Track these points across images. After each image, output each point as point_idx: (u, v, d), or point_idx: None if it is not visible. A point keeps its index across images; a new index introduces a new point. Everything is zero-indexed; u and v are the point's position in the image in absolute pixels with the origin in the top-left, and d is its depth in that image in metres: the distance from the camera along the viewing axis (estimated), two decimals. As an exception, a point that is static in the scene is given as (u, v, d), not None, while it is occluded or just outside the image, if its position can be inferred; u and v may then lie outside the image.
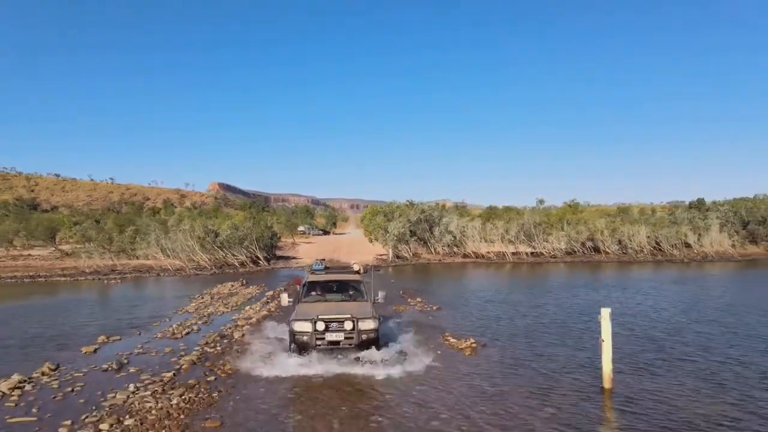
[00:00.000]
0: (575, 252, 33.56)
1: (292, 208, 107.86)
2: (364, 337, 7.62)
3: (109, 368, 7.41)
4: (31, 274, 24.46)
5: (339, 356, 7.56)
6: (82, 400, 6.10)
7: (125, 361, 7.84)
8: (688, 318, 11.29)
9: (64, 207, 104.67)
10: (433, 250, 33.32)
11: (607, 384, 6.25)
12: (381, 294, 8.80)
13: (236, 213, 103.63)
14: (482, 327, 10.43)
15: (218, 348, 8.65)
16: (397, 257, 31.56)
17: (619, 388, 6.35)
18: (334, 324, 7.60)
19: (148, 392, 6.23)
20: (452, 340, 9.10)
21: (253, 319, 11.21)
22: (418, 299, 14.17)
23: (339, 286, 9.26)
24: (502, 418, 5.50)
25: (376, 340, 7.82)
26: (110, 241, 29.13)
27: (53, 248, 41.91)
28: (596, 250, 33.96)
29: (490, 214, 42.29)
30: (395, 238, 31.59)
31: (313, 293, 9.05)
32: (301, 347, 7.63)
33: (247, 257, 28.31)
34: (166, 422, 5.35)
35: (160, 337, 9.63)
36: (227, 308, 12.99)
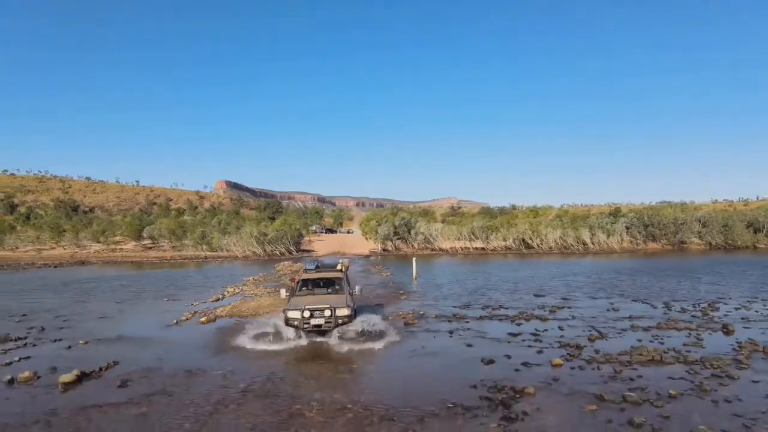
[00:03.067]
0: (511, 247, 51.61)
1: (302, 209, 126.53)
2: (339, 321, 10.81)
3: (278, 278, 26.20)
4: (163, 259, 43.59)
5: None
6: (277, 281, 24.81)
7: (281, 277, 26.63)
8: (480, 274, 29.66)
9: (98, 208, 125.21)
10: (410, 245, 51.76)
11: (414, 279, 24.77)
12: (357, 288, 12.51)
13: (251, 213, 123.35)
14: (399, 272, 28.84)
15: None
16: (384, 250, 50.02)
17: (419, 279, 24.76)
18: (317, 312, 10.75)
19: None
20: (383, 274, 27.66)
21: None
22: (380, 267, 32.70)
23: (325, 282, 12.44)
24: (387, 278, 23.93)
25: (350, 323, 11.01)
26: (199, 238, 48.11)
27: (135, 243, 61.38)
28: (526, 245, 51.94)
29: (457, 219, 60.63)
30: (383, 237, 50.21)
31: (305, 288, 12.19)
32: (293, 329, 10.76)
33: (284, 249, 47.14)
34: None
35: (279, 274, 28.33)
36: (300, 264, 31.71)
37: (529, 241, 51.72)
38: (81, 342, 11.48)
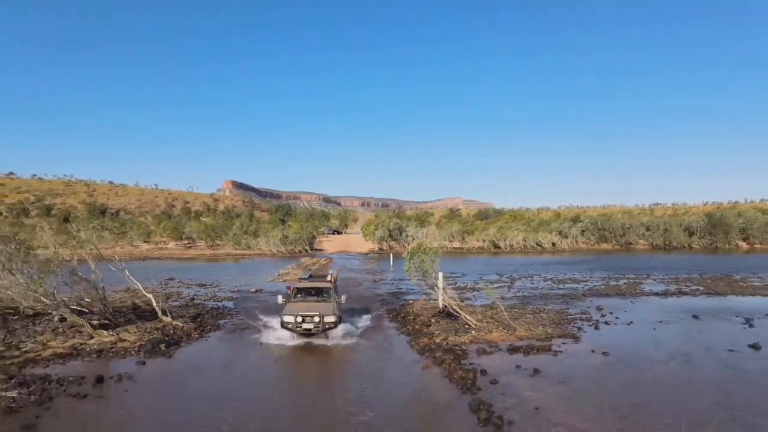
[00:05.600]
0: (483, 248, 68.35)
1: (309, 210, 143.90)
2: (327, 326, 14.03)
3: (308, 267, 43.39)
4: (204, 255, 61.04)
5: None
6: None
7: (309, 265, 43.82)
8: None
9: (122, 210, 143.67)
10: (402, 245, 68.71)
11: (391, 267, 41.60)
12: (343, 297, 16.02)
13: (262, 215, 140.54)
14: (384, 264, 45.71)
15: (325, 260, 44.48)
16: (380, 249, 67.01)
17: (394, 267, 41.60)
18: (308, 318, 13.94)
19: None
20: (372, 264, 44.65)
21: (328, 258, 47.06)
22: (373, 260, 49.65)
23: (315, 291, 16.06)
24: (374, 266, 40.76)
25: (335, 327, 14.28)
26: (236, 239, 65.47)
27: (176, 243, 78.76)
28: (496, 246, 68.60)
29: (444, 222, 77.47)
30: (379, 238, 67.29)
31: (299, 296, 15.82)
32: (287, 331, 14.13)
33: (301, 248, 64.35)
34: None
35: (306, 266, 45.48)
36: (314, 261, 48.85)
37: (498, 243, 68.48)
38: (237, 286, 28.57)
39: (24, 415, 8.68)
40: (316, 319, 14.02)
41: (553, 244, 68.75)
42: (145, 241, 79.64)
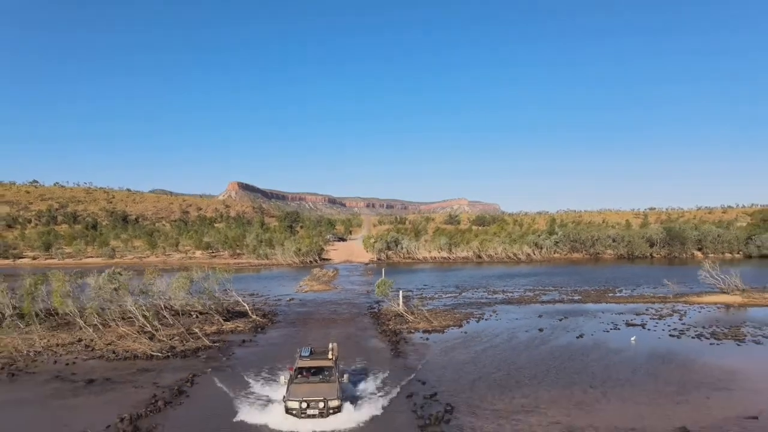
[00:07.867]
0: (467, 258, 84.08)
1: (317, 217, 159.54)
2: (331, 411, 15.22)
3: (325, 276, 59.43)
4: (229, 264, 77.40)
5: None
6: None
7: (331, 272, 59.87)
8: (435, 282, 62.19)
9: (140, 217, 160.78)
10: (398, 254, 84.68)
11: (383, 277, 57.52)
12: (345, 376, 17.70)
13: (271, 220, 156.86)
14: (377, 273, 61.46)
15: (333, 272, 60.49)
16: (379, 259, 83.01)
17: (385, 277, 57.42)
18: (312, 403, 15.16)
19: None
20: (369, 275, 60.53)
21: (335, 270, 63.09)
22: (370, 271, 65.52)
23: (317, 370, 17.31)
24: (370, 277, 56.52)
25: (339, 411, 15.42)
26: (256, 251, 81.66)
27: (202, 252, 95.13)
28: (478, 256, 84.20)
29: (436, 236, 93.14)
30: (377, 249, 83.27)
31: (300, 376, 17.07)
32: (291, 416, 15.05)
33: (312, 259, 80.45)
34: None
35: (318, 276, 61.46)
36: (324, 272, 64.84)
37: (479, 254, 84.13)
38: (276, 295, 44.46)
39: (228, 350, 24.66)
40: (321, 405, 15.31)
41: (529, 255, 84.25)
42: (174, 251, 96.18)
